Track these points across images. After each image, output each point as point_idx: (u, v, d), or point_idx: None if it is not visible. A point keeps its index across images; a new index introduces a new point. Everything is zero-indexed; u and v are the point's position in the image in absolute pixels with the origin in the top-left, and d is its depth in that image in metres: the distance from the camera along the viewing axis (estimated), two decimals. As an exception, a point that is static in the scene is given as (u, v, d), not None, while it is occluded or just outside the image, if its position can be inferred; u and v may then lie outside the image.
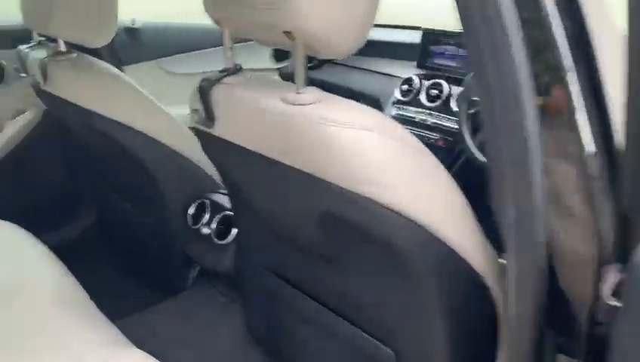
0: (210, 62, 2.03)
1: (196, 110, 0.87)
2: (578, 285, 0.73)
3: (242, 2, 0.74)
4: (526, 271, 0.72)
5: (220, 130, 0.87)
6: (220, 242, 1.30)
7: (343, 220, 0.78)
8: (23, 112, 1.65)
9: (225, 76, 0.86)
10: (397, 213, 0.72)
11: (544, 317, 0.75)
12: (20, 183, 1.67)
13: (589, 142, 0.65)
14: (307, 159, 0.74)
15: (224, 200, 1.35)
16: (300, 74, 0.75)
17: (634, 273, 0.57)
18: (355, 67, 1.96)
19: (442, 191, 0.77)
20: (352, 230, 0.79)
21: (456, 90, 1.63)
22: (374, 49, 1.80)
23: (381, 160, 0.70)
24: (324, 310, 1.01)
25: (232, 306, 1.40)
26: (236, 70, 0.87)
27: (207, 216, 1.34)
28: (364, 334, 0.95)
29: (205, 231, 1.33)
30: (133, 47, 1.83)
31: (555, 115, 0.67)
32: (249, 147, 0.83)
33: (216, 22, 0.84)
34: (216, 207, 1.34)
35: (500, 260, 0.85)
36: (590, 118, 0.65)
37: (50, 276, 1.16)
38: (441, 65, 1.73)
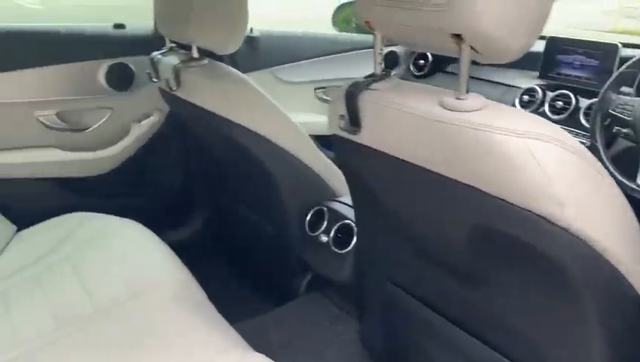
0: (324, 71, 2.05)
1: (342, 116, 0.86)
2: None
3: (403, 5, 0.72)
4: None
5: (365, 137, 0.85)
6: (339, 251, 1.29)
7: (501, 235, 0.73)
8: (148, 116, 1.73)
9: (373, 82, 0.84)
10: (567, 231, 0.67)
11: None
12: (142, 183, 1.75)
13: None
14: (468, 169, 0.71)
15: (342, 208, 1.34)
16: (464, 79, 0.71)
17: None
18: (471, 77, 1.90)
19: (617, 212, 0.71)
20: (508, 246, 0.74)
21: (585, 102, 1.53)
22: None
23: (557, 174, 0.65)
24: (459, 331, 0.96)
25: (346, 317, 1.38)
26: (385, 75, 0.85)
27: (325, 224, 1.33)
28: (507, 360, 0.89)
29: (323, 238, 1.32)
30: (251, 55, 1.88)
31: None
32: (397, 155, 0.80)
33: (367, 25, 0.82)
34: (335, 215, 1.33)
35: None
36: None
37: (172, 275, 1.19)
38: (567, 75, 1.63)
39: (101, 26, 1.71)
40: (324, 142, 1.50)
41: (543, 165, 0.65)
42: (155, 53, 1.43)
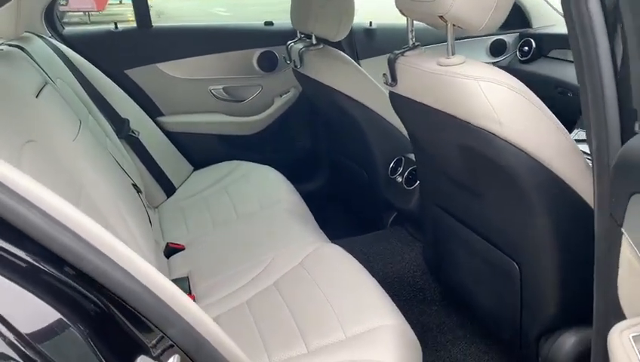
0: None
1: (385, 74, 1.28)
2: None
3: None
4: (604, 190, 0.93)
5: (400, 88, 1.26)
6: (408, 188, 1.69)
7: (475, 152, 1.09)
8: (287, 92, 2.28)
9: (406, 51, 1.24)
10: (510, 143, 1.01)
11: None
12: (280, 144, 2.31)
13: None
14: (449, 103, 1.08)
15: (414, 157, 1.74)
16: (450, 45, 1.09)
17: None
18: (570, 61, 2.10)
19: (554, 136, 1.03)
20: (483, 162, 1.09)
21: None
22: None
23: (498, 104, 1.00)
24: (468, 231, 1.31)
25: (415, 242, 1.78)
26: (414, 47, 1.25)
27: (401, 169, 1.74)
28: (496, 250, 1.23)
29: (398, 179, 1.73)
30: (369, 44, 2.32)
31: None
32: (414, 98, 1.20)
33: (401, 12, 1.22)
34: (409, 162, 1.73)
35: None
36: None
37: (287, 196, 1.71)
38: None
39: (256, 23, 2.30)
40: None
41: (489, 98, 1.01)
42: (289, 42, 1.96)
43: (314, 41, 1.82)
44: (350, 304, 1.16)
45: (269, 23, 2.28)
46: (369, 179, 1.89)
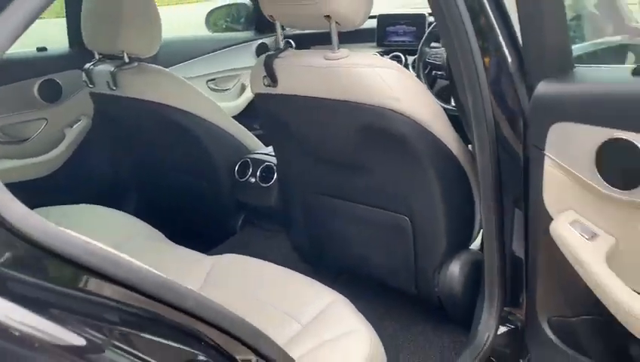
0: (210, 66, 2.50)
1: (264, 76, 1.35)
2: None
3: (295, 2, 1.22)
4: (485, 159, 1.22)
5: (280, 88, 1.34)
6: (265, 185, 1.77)
7: (372, 128, 1.27)
8: (77, 121, 2.06)
9: (280, 52, 1.34)
10: (403, 115, 1.22)
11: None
12: (84, 178, 2.08)
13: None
14: (346, 91, 1.23)
15: (261, 156, 1.83)
16: (335, 40, 1.23)
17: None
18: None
19: (433, 107, 1.28)
20: (379, 135, 1.28)
21: (411, 58, 2.16)
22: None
23: (394, 84, 1.20)
24: (355, 205, 1.49)
25: (276, 236, 1.87)
26: (286, 47, 1.35)
27: (250, 170, 1.81)
28: (386, 212, 1.44)
29: (252, 180, 1.80)
30: (152, 59, 2.26)
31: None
32: (302, 94, 1.31)
33: (270, 17, 1.31)
34: (257, 162, 1.81)
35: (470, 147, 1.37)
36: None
37: (142, 230, 1.61)
38: (396, 41, 2.26)
39: (28, 50, 2.00)
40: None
41: (385, 80, 1.20)
42: (87, 65, 1.79)
43: (126, 60, 1.72)
44: (287, 296, 1.22)
45: (43, 49, 2.01)
46: (211, 189, 1.89)
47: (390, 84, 1.20)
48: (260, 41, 2.66)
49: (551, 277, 1.14)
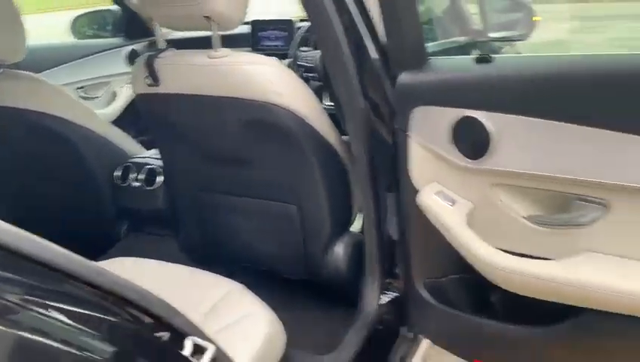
0: (78, 74, 2.42)
1: (147, 76, 1.37)
2: None
3: (174, 3, 1.27)
4: (359, 148, 1.35)
5: (163, 87, 1.37)
6: (150, 188, 1.77)
7: (258, 122, 1.35)
8: None
9: (160, 52, 1.37)
10: (286, 109, 1.31)
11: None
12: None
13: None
14: (231, 87, 1.30)
15: (143, 160, 1.82)
16: (217, 41, 1.30)
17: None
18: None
19: (313, 101, 1.38)
20: (265, 128, 1.36)
21: (284, 61, 2.28)
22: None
23: (275, 80, 1.29)
24: (245, 199, 1.56)
25: (162, 240, 1.87)
26: (167, 48, 1.38)
27: (133, 174, 1.79)
28: (275, 202, 1.53)
29: (135, 184, 1.78)
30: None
31: None
32: (186, 92, 1.35)
33: (149, 18, 1.34)
34: (138, 166, 1.80)
35: (344, 137, 1.50)
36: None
37: None
38: (269, 45, 2.36)
39: None
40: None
41: (267, 76, 1.29)
42: None
43: (-10, 66, 1.63)
44: (183, 290, 1.26)
45: None
46: (90, 196, 1.84)
47: (272, 80, 1.29)
48: (130, 48, 2.62)
49: (422, 244, 1.30)
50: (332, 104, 1.86)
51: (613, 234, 0.96)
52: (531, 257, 1.08)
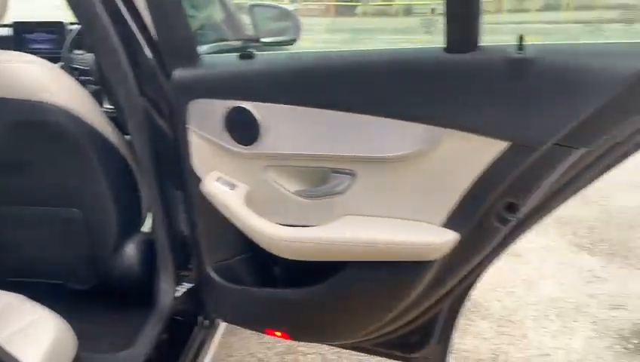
0: None
1: None
2: None
3: None
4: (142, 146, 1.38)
5: None
6: None
7: (31, 123, 1.29)
8: None
9: None
10: (59, 107, 1.29)
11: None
12: None
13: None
14: (5, 89, 1.23)
15: None
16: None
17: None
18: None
19: (84, 96, 1.37)
20: (37, 129, 1.30)
21: (57, 65, 2.17)
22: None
23: (45, 78, 1.26)
24: (21, 208, 1.47)
25: None
26: None
27: None
28: (55, 208, 1.47)
29: None
30: None
31: None
32: None
33: None
34: None
35: (127, 137, 1.51)
36: None
37: None
38: (37, 48, 2.22)
39: None
40: None
41: (37, 74, 1.25)
42: None
43: None
44: None
45: None
46: None
47: (42, 79, 1.26)
48: None
49: (210, 230, 1.38)
50: (112, 107, 1.84)
51: (362, 198, 1.17)
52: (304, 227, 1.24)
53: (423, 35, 10.88)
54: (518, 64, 0.94)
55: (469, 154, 1.02)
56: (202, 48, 1.82)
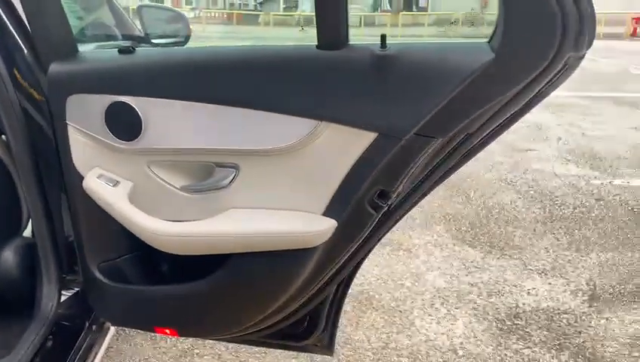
0: None
1: None
2: None
3: None
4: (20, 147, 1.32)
5: None
6: None
7: None
8: None
9: None
10: None
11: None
12: None
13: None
14: None
15: None
16: None
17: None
18: None
19: None
20: None
21: None
22: None
23: None
24: None
25: None
26: None
27: None
28: None
29: None
30: None
31: None
32: None
33: None
34: None
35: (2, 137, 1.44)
36: None
37: None
38: None
39: None
40: None
41: None
42: None
43: None
44: None
45: None
46: None
47: None
48: None
49: (94, 230, 1.35)
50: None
51: (246, 191, 1.20)
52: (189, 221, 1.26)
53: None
54: (382, 60, 1.03)
55: (343, 145, 1.09)
56: (87, 47, 1.79)
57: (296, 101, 1.10)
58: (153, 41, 2.16)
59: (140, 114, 1.18)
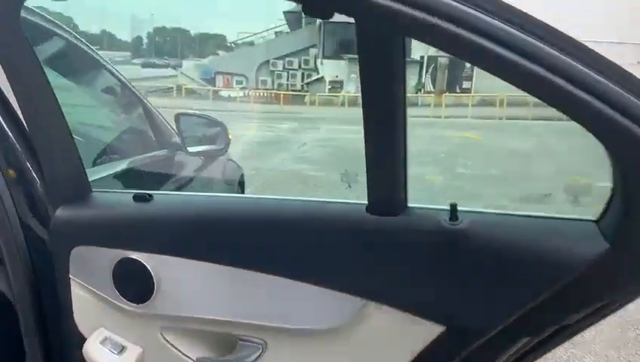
0: None
1: None
2: None
3: None
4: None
5: None
6: None
7: None
8: None
9: None
10: None
11: None
12: None
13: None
14: None
15: None
16: None
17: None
18: None
19: None
20: None
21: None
22: None
23: None
24: None
25: None
26: None
27: None
28: None
29: None
30: None
31: None
32: None
33: None
34: None
35: None
36: None
37: None
38: None
39: None
40: None
41: None
42: None
43: None
44: None
45: None
46: None
47: None
48: None
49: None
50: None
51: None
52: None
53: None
54: (452, 236, 0.80)
55: (397, 336, 0.85)
56: (116, 165, 1.64)
57: (338, 272, 0.89)
58: (190, 149, 2.03)
59: (152, 274, 0.99)
